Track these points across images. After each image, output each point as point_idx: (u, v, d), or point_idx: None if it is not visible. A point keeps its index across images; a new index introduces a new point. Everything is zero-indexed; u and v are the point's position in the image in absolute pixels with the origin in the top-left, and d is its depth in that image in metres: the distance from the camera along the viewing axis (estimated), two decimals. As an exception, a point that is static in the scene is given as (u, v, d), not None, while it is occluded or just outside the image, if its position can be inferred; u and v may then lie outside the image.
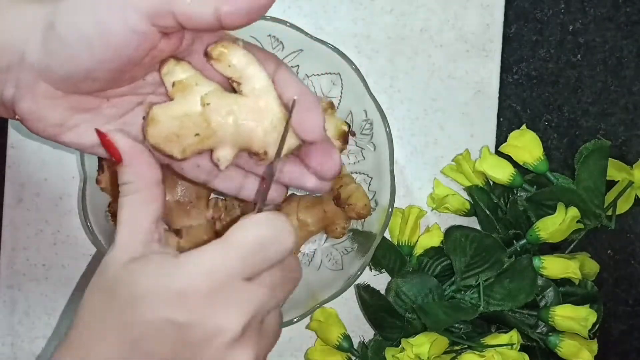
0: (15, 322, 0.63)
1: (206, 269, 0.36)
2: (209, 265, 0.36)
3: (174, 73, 0.40)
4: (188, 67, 0.40)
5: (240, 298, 0.36)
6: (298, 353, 0.64)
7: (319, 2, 0.64)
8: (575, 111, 0.65)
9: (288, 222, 0.38)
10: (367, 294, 0.61)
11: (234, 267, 0.36)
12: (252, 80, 0.40)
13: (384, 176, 0.57)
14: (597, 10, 0.65)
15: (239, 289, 0.36)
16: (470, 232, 0.59)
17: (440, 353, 0.58)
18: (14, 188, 0.63)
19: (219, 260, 0.36)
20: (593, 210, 0.59)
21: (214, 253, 0.37)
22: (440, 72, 0.64)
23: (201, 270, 0.36)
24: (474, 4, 0.64)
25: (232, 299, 0.36)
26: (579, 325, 0.57)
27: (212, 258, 0.37)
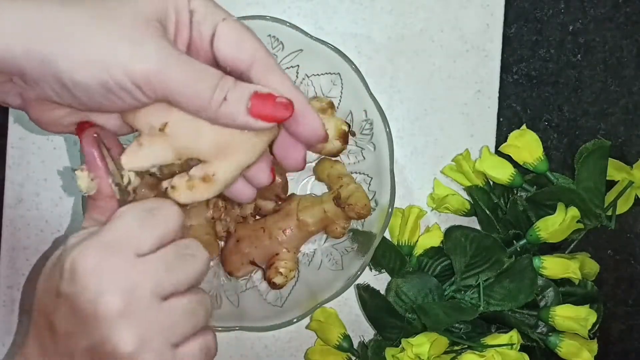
0: (15, 322, 0.63)
1: (94, 244, 0.37)
2: (97, 240, 0.37)
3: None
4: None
5: (124, 271, 0.36)
6: (298, 353, 0.64)
7: (319, 2, 0.64)
8: (575, 111, 0.65)
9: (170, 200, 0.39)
10: (367, 294, 0.61)
11: (119, 238, 0.37)
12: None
13: (384, 176, 0.57)
14: (597, 10, 0.65)
15: (126, 262, 0.36)
16: (470, 232, 0.59)
17: (440, 353, 0.58)
18: (14, 188, 0.63)
19: (106, 234, 0.37)
20: (593, 210, 0.59)
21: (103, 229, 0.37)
22: (440, 72, 0.64)
23: (90, 244, 0.36)
24: (474, 4, 0.64)
25: (115, 272, 0.36)
26: (579, 325, 0.57)
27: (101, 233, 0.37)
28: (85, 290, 0.35)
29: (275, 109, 0.38)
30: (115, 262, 0.36)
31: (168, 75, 0.36)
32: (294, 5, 0.64)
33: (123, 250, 0.36)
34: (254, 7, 0.63)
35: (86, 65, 0.36)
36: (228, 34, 0.38)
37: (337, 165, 0.60)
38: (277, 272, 0.58)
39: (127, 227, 0.37)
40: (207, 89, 0.37)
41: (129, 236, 0.37)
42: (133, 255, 0.36)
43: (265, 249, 0.59)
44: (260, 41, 0.39)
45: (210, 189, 0.39)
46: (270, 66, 0.39)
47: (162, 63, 0.36)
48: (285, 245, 0.59)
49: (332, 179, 0.60)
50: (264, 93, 0.38)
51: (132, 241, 0.37)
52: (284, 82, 0.39)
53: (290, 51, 0.58)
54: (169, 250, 0.38)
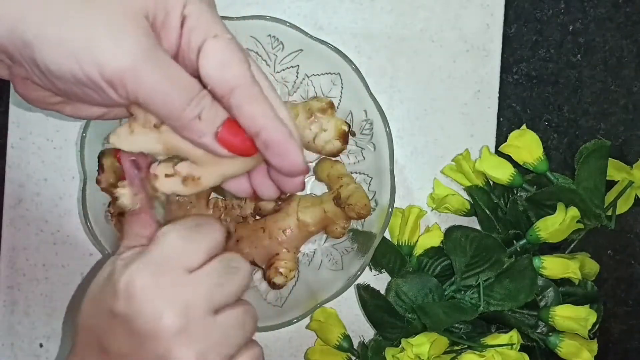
0: (15, 322, 0.63)
1: (145, 263, 0.37)
2: (147, 259, 0.37)
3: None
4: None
5: (178, 289, 0.37)
6: (298, 353, 0.64)
7: (319, 2, 0.64)
8: (575, 111, 0.65)
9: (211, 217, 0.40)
10: (367, 294, 0.61)
11: (168, 257, 0.37)
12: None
13: (384, 176, 0.57)
14: (597, 10, 0.65)
15: (179, 280, 0.37)
16: (470, 232, 0.59)
17: (440, 353, 0.58)
18: (14, 188, 0.63)
19: (155, 253, 0.37)
20: (593, 210, 0.59)
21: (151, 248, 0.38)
22: (440, 72, 0.64)
23: (140, 264, 0.37)
24: (474, 4, 0.64)
25: (171, 291, 0.37)
26: (579, 325, 0.57)
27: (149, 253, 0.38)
28: (143, 311, 0.36)
29: (242, 142, 0.37)
30: (168, 281, 0.37)
31: (143, 77, 0.35)
32: (294, 5, 0.64)
33: (174, 268, 0.37)
34: (254, 7, 0.63)
35: (60, 53, 0.34)
36: (215, 53, 0.36)
37: (337, 165, 0.60)
38: (277, 272, 0.58)
39: (174, 244, 0.38)
40: (182, 100, 0.36)
41: (178, 253, 0.38)
42: (184, 271, 0.37)
43: (265, 249, 0.59)
44: (249, 67, 0.37)
45: (189, 190, 0.40)
46: (252, 95, 0.37)
47: (139, 62, 0.34)
48: (285, 245, 0.59)
49: (332, 179, 0.60)
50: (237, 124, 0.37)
51: (182, 258, 0.38)
52: (265, 113, 0.37)
53: (290, 51, 0.58)
54: (216, 264, 0.38)
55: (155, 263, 0.37)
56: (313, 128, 0.58)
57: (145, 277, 0.37)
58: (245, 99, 0.37)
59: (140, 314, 0.36)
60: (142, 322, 0.36)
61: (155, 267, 0.37)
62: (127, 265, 0.37)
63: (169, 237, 0.38)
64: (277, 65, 0.59)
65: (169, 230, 0.39)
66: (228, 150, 0.37)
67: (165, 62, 0.36)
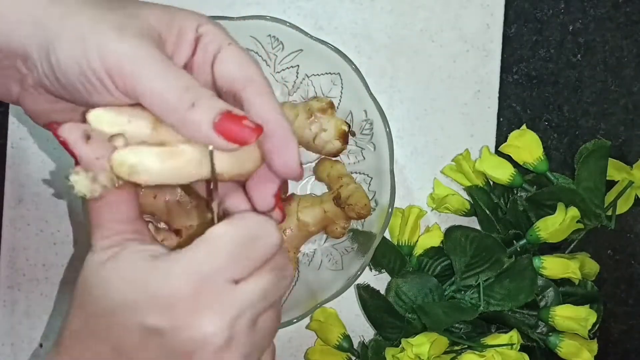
0: (15, 322, 0.63)
1: (188, 270, 0.34)
2: (190, 266, 0.34)
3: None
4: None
5: (226, 302, 0.34)
6: (298, 353, 0.64)
7: (319, 2, 0.64)
8: (575, 111, 0.65)
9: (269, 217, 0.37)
10: (367, 294, 0.61)
11: (218, 267, 0.35)
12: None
13: (384, 176, 0.57)
14: (597, 10, 0.65)
15: (225, 291, 0.35)
16: (470, 232, 0.59)
17: (440, 353, 0.58)
18: (14, 188, 0.63)
19: (202, 260, 0.35)
20: (593, 210, 0.59)
21: (196, 252, 0.35)
22: (440, 72, 0.64)
23: (182, 271, 0.34)
24: (474, 4, 0.64)
25: (218, 303, 0.34)
26: (579, 325, 0.57)
27: (193, 258, 0.35)
28: (187, 328, 0.34)
29: (241, 130, 0.35)
30: (214, 295, 0.34)
31: (141, 67, 0.35)
32: (294, 5, 0.64)
33: (220, 280, 0.34)
34: (254, 7, 0.63)
35: (68, 41, 0.35)
36: (230, 55, 0.38)
37: (337, 165, 0.60)
38: (277, 272, 0.58)
39: (224, 254, 0.35)
40: (178, 89, 0.35)
41: (226, 264, 0.35)
42: (230, 283, 0.35)
43: (265, 249, 0.59)
44: (260, 68, 0.39)
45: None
46: (265, 90, 0.38)
47: (138, 54, 0.35)
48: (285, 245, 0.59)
49: (332, 179, 0.60)
50: (236, 113, 0.36)
51: (230, 270, 0.35)
52: (273, 107, 0.37)
53: (290, 51, 0.58)
54: (266, 276, 0.36)
55: (199, 273, 0.34)
56: (313, 128, 0.58)
57: (188, 289, 0.34)
58: (257, 92, 0.38)
59: (183, 330, 0.34)
60: (184, 338, 0.34)
61: (199, 276, 0.34)
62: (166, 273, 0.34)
63: (218, 244, 0.35)
64: (277, 65, 0.59)
65: (219, 235, 0.35)
66: (228, 140, 0.36)
67: (164, 59, 0.36)
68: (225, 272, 0.35)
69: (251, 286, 0.35)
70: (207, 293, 0.34)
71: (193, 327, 0.34)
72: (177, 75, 0.36)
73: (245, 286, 0.35)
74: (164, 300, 0.34)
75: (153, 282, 0.34)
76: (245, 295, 0.35)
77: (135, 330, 0.34)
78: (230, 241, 0.35)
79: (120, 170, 0.35)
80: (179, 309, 0.34)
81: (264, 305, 0.36)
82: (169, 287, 0.34)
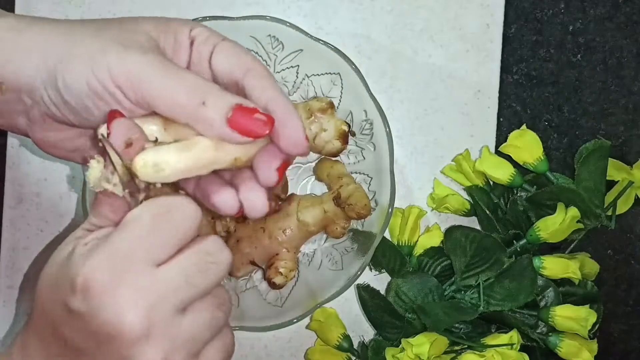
0: (15, 322, 0.63)
1: (105, 251, 0.34)
2: (108, 248, 0.34)
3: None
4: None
5: (143, 284, 0.34)
6: (298, 353, 0.64)
7: (319, 2, 0.64)
8: (575, 111, 0.65)
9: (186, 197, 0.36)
10: (367, 294, 0.61)
11: (133, 247, 0.34)
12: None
13: (384, 176, 0.57)
14: (597, 10, 0.65)
15: (143, 274, 0.34)
16: (470, 232, 0.59)
17: (440, 353, 0.58)
18: (14, 188, 0.63)
19: (118, 241, 0.34)
20: (593, 210, 0.59)
21: (114, 235, 0.35)
22: (440, 72, 0.64)
23: (99, 253, 0.34)
24: (474, 4, 0.64)
25: (134, 286, 0.33)
26: (579, 325, 0.57)
27: (111, 240, 0.34)
28: (103, 310, 0.33)
29: (254, 123, 0.36)
30: (132, 276, 0.34)
31: (149, 75, 0.36)
32: (294, 5, 0.64)
33: (139, 262, 0.34)
34: (254, 7, 0.63)
35: (75, 63, 0.37)
36: (226, 49, 0.40)
37: (337, 165, 0.60)
38: (277, 272, 0.58)
39: (141, 233, 0.34)
40: (187, 89, 0.37)
41: (144, 244, 0.34)
42: (149, 266, 0.34)
43: (265, 249, 0.59)
44: (256, 57, 0.40)
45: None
46: (265, 74, 0.39)
47: (144, 64, 0.37)
48: (285, 245, 0.59)
49: (332, 179, 0.60)
50: (247, 107, 0.37)
51: (149, 250, 0.34)
52: (273, 87, 0.39)
53: (290, 51, 0.58)
54: (189, 258, 0.35)
55: (117, 256, 0.34)
56: (313, 128, 0.58)
57: (105, 271, 0.33)
58: (257, 76, 0.39)
59: (99, 313, 0.33)
60: (101, 322, 0.33)
61: (117, 260, 0.34)
62: (87, 256, 0.34)
63: (135, 225, 0.35)
64: (277, 65, 0.59)
65: (135, 217, 0.35)
66: (241, 135, 0.36)
67: (168, 64, 0.37)
68: (142, 252, 0.34)
69: (171, 268, 0.34)
70: (124, 275, 0.34)
71: (108, 310, 0.33)
72: (184, 76, 0.37)
73: (165, 268, 0.34)
74: (81, 282, 0.33)
75: (73, 263, 0.34)
76: (164, 276, 0.34)
77: (61, 310, 0.34)
78: (143, 220, 0.35)
79: (146, 171, 0.36)
80: (95, 291, 0.33)
81: (190, 292, 0.35)
82: (85, 269, 0.34)
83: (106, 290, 0.33)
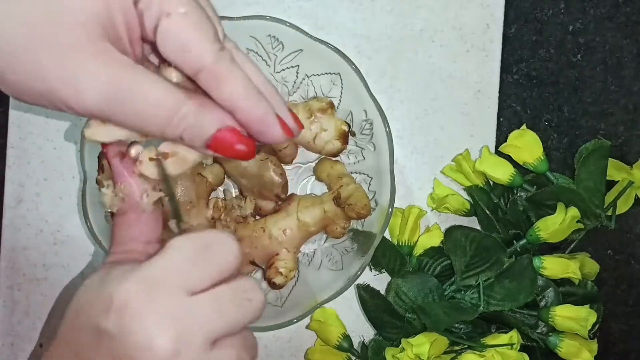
0: (15, 322, 0.63)
1: (141, 275, 0.33)
2: (144, 273, 0.34)
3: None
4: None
5: (176, 311, 0.33)
6: (298, 353, 0.64)
7: (319, 2, 0.64)
8: (575, 111, 0.65)
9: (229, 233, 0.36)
10: (367, 294, 0.61)
11: (171, 274, 0.34)
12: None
13: (384, 176, 0.57)
14: (597, 10, 0.65)
15: (177, 300, 0.33)
16: (470, 232, 0.59)
17: (440, 353, 0.58)
18: (14, 188, 0.63)
19: (155, 267, 0.34)
20: (593, 210, 0.59)
21: (151, 261, 0.34)
22: (440, 72, 0.64)
23: (136, 276, 0.33)
24: (474, 4, 0.64)
25: (167, 311, 0.33)
26: (579, 325, 0.57)
27: (149, 266, 0.34)
28: (134, 332, 0.33)
29: (236, 153, 0.35)
30: (165, 302, 0.33)
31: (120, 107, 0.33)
32: (294, 5, 0.64)
33: (174, 289, 0.33)
34: (254, 7, 0.63)
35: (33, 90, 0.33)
36: (170, 36, 0.33)
37: (337, 165, 0.60)
38: (277, 272, 0.58)
39: (179, 262, 0.34)
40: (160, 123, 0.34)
41: (181, 273, 0.34)
42: (185, 294, 0.33)
43: (265, 249, 0.59)
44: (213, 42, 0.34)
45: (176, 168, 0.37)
46: (218, 76, 0.34)
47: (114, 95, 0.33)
48: (285, 245, 0.59)
49: (332, 179, 0.60)
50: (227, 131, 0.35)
51: (185, 278, 0.34)
52: (238, 93, 0.35)
53: (290, 51, 0.58)
54: (224, 292, 0.35)
55: (153, 281, 0.33)
56: (313, 128, 0.58)
57: (140, 294, 0.33)
58: (212, 81, 0.34)
59: (130, 335, 0.33)
60: (131, 343, 0.33)
61: (153, 285, 0.33)
62: (123, 279, 0.34)
63: (174, 254, 0.34)
64: (277, 65, 0.59)
65: (176, 245, 0.35)
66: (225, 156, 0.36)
67: (139, 84, 0.33)
68: (179, 279, 0.34)
69: (205, 298, 0.34)
70: (158, 300, 0.33)
71: (139, 333, 0.33)
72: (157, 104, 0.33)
73: (200, 297, 0.34)
74: (115, 304, 0.33)
75: (108, 285, 0.34)
76: (196, 308, 0.34)
77: (90, 332, 0.34)
78: (184, 249, 0.34)
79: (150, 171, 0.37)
80: (128, 313, 0.33)
81: (222, 325, 0.34)
82: (121, 289, 0.33)
83: (140, 312, 0.33)
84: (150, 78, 0.34)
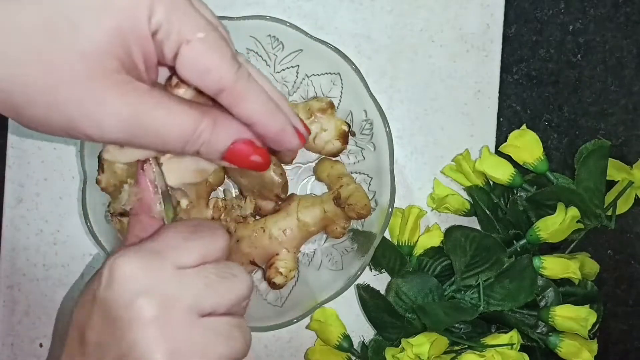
0: (15, 322, 0.63)
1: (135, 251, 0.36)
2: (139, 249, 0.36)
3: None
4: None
5: (163, 278, 0.35)
6: (298, 353, 0.64)
7: (319, 2, 0.64)
8: (575, 111, 0.65)
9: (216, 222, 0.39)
10: (367, 294, 0.61)
11: (162, 249, 0.36)
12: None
13: (384, 176, 0.57)
14: (597, 10, 0.65)
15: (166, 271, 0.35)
16: (470, 232, 0.59)
17: (440, 353, 0.58)
18: (14, 188, 0.63)
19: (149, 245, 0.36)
20: (593, 210, 0.59)
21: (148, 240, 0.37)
22: (440, 72, 0.64)
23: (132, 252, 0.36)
24: (474, 4, 0.64)
25: (154, 278, 0.35)
26: (579, 325, 0.57)
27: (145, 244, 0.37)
28: (121, 295, 0.34)
29: (250, 164, 0.38)
30: (154, 269, 0.35)
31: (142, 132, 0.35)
32: (294, 5, 0.64)
33: (164, 260, 0.35)
34: (254, 7, 0.63)
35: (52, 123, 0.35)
36: (191, 62, 0.35)
37: (337, 165, 0.60)
38: (277, 272, 0.58)
39: (170, 238, 0.37)
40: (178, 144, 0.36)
41: (171, 247, 0.36)
42: (173, 266, 0.36)
43: (265, 249, 0.59)
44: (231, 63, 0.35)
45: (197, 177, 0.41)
46: (238, 95, 0.36)
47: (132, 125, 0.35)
48: (285, 245, 0.59)
49: (332, 179, 0.60)
50: (242, 144, 0.38)
51: (174, 252, 0.36)
52: (257, 109, 0.37)
53: (290, 51, 0.58)
54: (210, 267, 0.37)
55: (145, 252, 0.36)
56: (313, 128, 0.58)
57: (132, 264, 0.35)
58: (232, 101, 0.36)
59: (118, 299, 0.34)
60: (117, 306, 0.34)
61: (144, 257, 0.35)
62: (118, 254, 0.36)
63: (167, 232, 0.37)
64: (277, 65, 0.59)
65: (169, 226, 0.38)
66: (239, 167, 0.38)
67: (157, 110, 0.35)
68: (168, 252, 0.36)
69: (191, 271, 0.36)
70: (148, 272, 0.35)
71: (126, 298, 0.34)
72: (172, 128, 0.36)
73: (185, 271, 0.36)
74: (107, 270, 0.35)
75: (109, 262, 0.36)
76: (183, 278, 0.35)
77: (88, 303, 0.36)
78: (174, 229, 0.37)
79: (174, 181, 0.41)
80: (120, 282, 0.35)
81: (209, 299, 0.36)
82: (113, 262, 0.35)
83: (128, 277, 0.34)
84: (167, 102, 0.35)
